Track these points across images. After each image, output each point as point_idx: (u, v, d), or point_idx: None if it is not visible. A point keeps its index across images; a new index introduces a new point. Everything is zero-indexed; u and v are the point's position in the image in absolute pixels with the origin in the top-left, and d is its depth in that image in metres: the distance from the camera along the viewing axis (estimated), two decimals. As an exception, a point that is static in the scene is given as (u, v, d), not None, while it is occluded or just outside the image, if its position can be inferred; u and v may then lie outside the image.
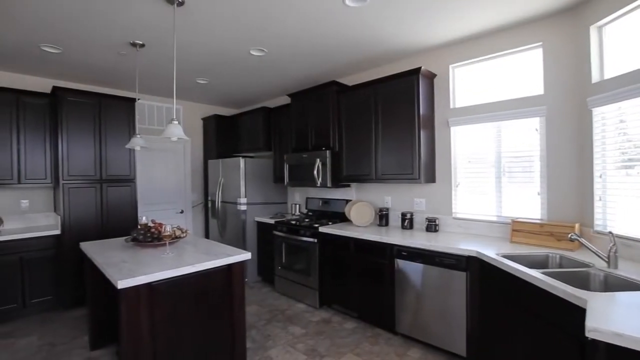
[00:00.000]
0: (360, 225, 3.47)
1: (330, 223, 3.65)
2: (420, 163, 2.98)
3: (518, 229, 2.56)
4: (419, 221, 3.30)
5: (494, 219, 2.86)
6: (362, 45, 3.09)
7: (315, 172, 3.65)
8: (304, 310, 3.47)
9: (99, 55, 3.24)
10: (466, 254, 2.38)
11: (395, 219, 3.50)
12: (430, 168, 3.14)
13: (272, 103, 5.05)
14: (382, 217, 3.47)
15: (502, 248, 2.39)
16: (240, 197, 4.20)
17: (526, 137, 2.70)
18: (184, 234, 2.51)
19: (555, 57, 2.53)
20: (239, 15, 2.49)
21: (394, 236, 2.91)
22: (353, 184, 3.90)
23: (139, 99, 4.04)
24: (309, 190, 4.45)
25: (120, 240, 2.83)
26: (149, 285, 1.85)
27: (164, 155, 4.88)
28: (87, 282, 2.69)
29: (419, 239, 2.75)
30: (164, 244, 2.39)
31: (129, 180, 3.92)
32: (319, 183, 3.65)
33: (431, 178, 3.15)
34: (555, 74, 2.54)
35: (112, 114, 3.83)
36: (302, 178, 3.88)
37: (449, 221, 3.10)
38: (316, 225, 3.50)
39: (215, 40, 2.92)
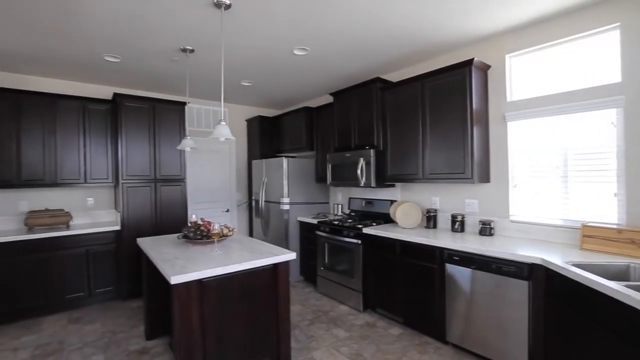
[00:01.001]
0: (406, 227, 3.33)
1: (374, 224, 3.54)
2: (473, 161, 2.78)
3: (590, 235, 2.28)
4: (471, 224, 3.09)
5: (559, 222, 2.58)
6: (408, 38, 2.96)
7: (358, 171, 3.57)
8: (347, 313, 3.40)
9: (153, 62, 3.43)
10: (529, 261, 2.17)
11: (444, 221, 3.31)
12: (484, 167, 2.92)
13: (314, 103, 5.04)
14: (430, 219, 3.30)
15: (571, 256, 2.14)
16: (283, 197, 4.24)
17: (598, 131, 2.40)
18: (231, 233, 2.56)
19: (636, 40, 2.21)
20: (283, 15, 2.49)
21: (443, 239, 2.75)
22: (398, 184, 3.76)
23: (188, 103, 4.23)
24: (351, 190, 4.37)
25: (172, 237, 2.97)
26: (199, 281, 1.90)
27: (210, 156, 5.08)
28: (143, 276, 2.86)
29: (472, 243, 2.56)
30: (213, 242, 2.46)
31: (179, 180, 4.13)
32: (362, 183, 3.56)
33: (485, 177, 2.93)
34: (635, 59, 2.22)
35: (165, 117, 4.06)
36: (345, 178, 3.82)
37: (506, 224, 2.86)
38: (360, 226, 3.42)
39: (259, 41, 2.95)
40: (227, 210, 5.23)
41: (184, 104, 4.17)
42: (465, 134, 2.81)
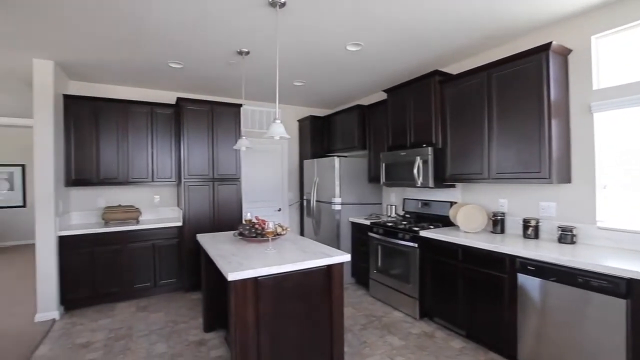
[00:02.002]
0: (469, 231, 3.06)
1: (431, 227, 3.32)
2: (550, 159, 2.45)
3: None
4: (547, 229, 2.73)
5: (665, 231, 2.16)
6: (475, 24, 2.71)
7: (415, 171, 3.37)
8: (402, 320, 3.23)
9: (211, 66, 3.58)
10: (627, 275, 1.83)
11: (513, 225, 2.99)
12: (564, 165, 2.56)
13: (366, 100, 4.91)
14: (497, 223, 2.99)
15: (686, 271, 1.77)
16: (334, 197, 4.17)
17: None
18: (284, 231, 2.55)
19: None
20: (337, 9, 2.42)
21: (514, 246, 2.46)
22: (459, 185, 3.49)
23: (243, 105, 4.36)
24: (406, 190, 4.17)
25: (229, 234, 3.06)
26: (255, 279, 1.90)
27: (264, 156, 5.21)
28: (202, 270, 2.98)
29: (550, 252, 2.25)
30: (267, 240, 2.47)
31: (235, 179, 4.28)
32: (419, 183, 3.36)
33: (565, 177, 2.57)
34: None
35: (222, 119, 4.23)
36: (400, 178, 3.64)
37: (592, 231, 2.48)
38: (416, 229, 3.22)
39: (312, 38, 2.92)
40: (279, 210, 5.31)
41: (240, 105, 4.31)
42: (542, 127, 2.49)
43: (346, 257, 2.20)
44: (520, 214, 2.95)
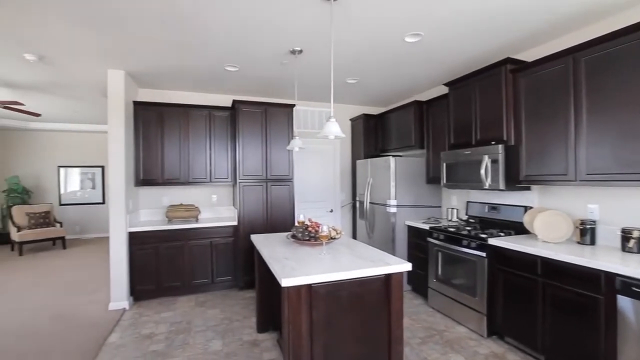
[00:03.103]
0: (548, 241, 2.66)
1: (501, 234, 2.96)
2: (663, 157, 2.01)
3: None
4: (655, 242, 2.25)
5: None
6: (552, 1, 2.34)
7: (482, 171, 3.03)
8: (467, 337, 2.92)
9: (265, 67, 3.59)
10: None
11: (606, 236, 2.53)
12: (682, 164, 2.08)
13: (424, 96, 4.60)
14: (585, 233, 2.55)
15: None
16: (389, 199, 3.96)
17: None
18: (339, 235, 2.43)
19: None
20: (398, -4, 2.23)
21: (611, 261, 2.06)
22: (535, 187, 3.07)
23: (295, 105, 4.35)
24: (470, 193, 3.80)
25: (282, 235, 3.02)
26: (309, 286, 1.80)
27: (315, 157, 5.16)
28: (256, 271, 2.98)
29: (665, 271, 1.83)
30: (320, 244, 2.37)
31: (287, 180, 4.28)
32: (486, 185, 3.02)
33: (683, 179, 2.09)
34: None
35: (275, 120, 4.25)
36: (463, 179, 3.32)
37: None
38: (484, 236, 2.89)
39: (368, 31, 2.76)
40: (331, 211, 5.22)
41: (292, 106, 4.30)
42: (651, 119, 2.05)
43: (407, 266, 2.01)
44: (616, 223, 2.48)
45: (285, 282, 1.71)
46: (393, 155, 4.05)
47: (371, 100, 5.15)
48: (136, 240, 3.78)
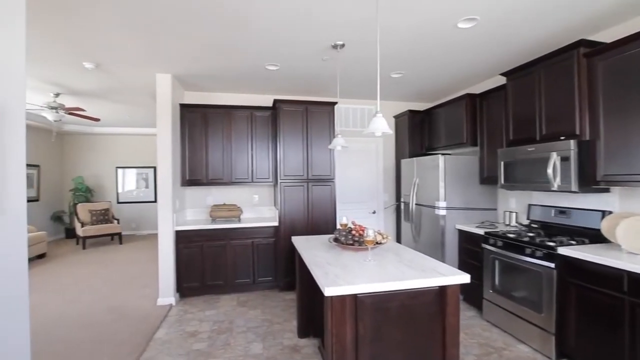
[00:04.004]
0: (635, 252, 2.26)
1: (572, 242, 2.58)
2: None
3: None
4: None
5: None
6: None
7: (549, 170, 2.67)
8: (531, 357, 2.58)
9: (305, 64, 3.50)
10: None
11: None
12: None
13: (477, 89, 4.23)
14: (687, 244, 2.12)
15: None
16: (438, 201, 3.67)
17: None
18: (385, 240, 2.25)
19: None
20: (453, -25, 2.01)
21: None
22: (615, 188, 2.64)
23: (337, 102, 4.21)
24: (532, 195, 3.40)
25: (324, 238, 2.90)
26: (354, 296, 1.65)
27: (357, 156, 4.98)
28: (297, 274, 2.89)
29: None
30: (365, 249, 2.20)
31: (329, 180, 4.16)
32: (555, 186, 2.65)
33: None
34: None
35: (316, 118, 4.15)
36: (524, 179, 2.96)
37: None
38: (552, 244, 2.54)
39: (416, 19, 2.54)
40: (374, 212, 5.01)
41: (334, 103, 4.17)
42: None
43: (464, 278, 1.78)
44: None
45: (328, 292, 1.58)
46: (442, 154, 3.75)
47: (417, 96, 4.87)
48: (182, 238, 3.88)
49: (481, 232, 3.27)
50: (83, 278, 4.79)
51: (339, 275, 1.76)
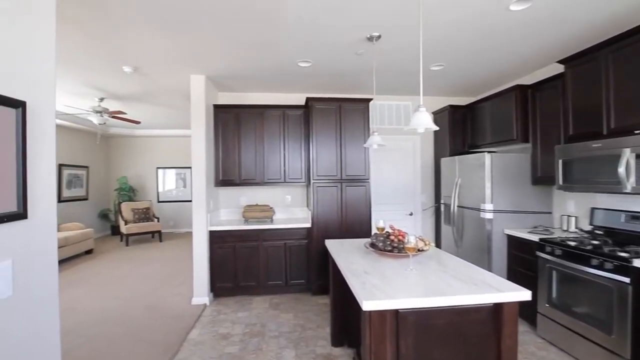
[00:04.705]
0: None
1: (652, 253, 2.21)
2: None
3: None
4: None
5: None
6: None
7: (621, 169, 2.31)
8: (599, 384, 2.25)
9: (339, 59, 3.35)
10: None
11: None
12: None
13: (525, 80, 3.84)
14: None
15: None
16: (484, 203, 3.36)
17: None
18: (427, 247, 2.04)
19: None
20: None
21: None
22: None
23: (372, 99, 4.02)
24: (596, 197, 3.00)
25: (359, 242, 2.73)
26: (395, 312, 1.48)
27: (393, 155, 4.74)
28: (330, 278, 2.75)
29: None
30: (406, 256, 2.01)
31: (363, 180, 3.98)
32: (628, 187, 2.29)
33: None
34: None
35: (349, 116, 3.99)
36: (588, 179, 2.60)
37: None
38: (625, 255, 2.19)
39: (461, 2, 2.30)
40: (411, 214, 4.75)
41: (369, 100, 3.99)
42: None
43: (524, 295, 1.54)
44: None
45: (367, 306, 1.42)
46: (487, 152, 3.44)
47: (458, 90, 4.54)
48: (216, 238, 3.89)
49: (535, 238, 2.93)
50: (125, 274, 4.99)
51: (378, 287, 1.59)
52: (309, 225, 3.96)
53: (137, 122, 5.83)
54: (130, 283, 4.56)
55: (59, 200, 6.88)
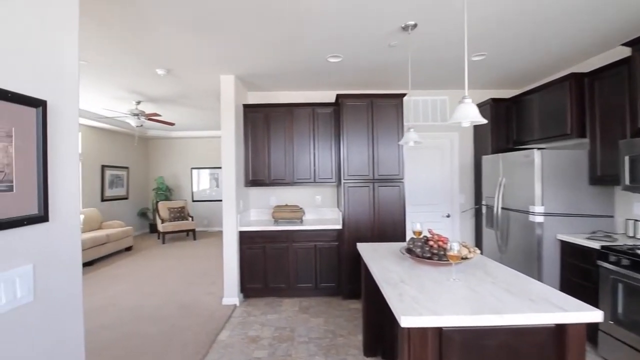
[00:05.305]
0: None
1: None
2: None
3: None
4: None
5: None
6: None
7: None
8: (682, 419, 1.92)
9: (371, 52, 3.18)
10: None
11: None
12: None
13: (580, 68, 3.45)
14: None
15: None
16: (533, 205, 3.04)
17: None
18: (472, 255, 1.84)
19: None
20: None
21: None
22: None
23: (406, 94, 3.80)
24: (671, 199, 2.61)
25: (393, 247, 2.55)
26: (438, 330, 1.31)
27: (428, 153, 4.48)
28: (362, 284, 2.60)
29: None
30: (447, 264, 1.82)
31: (397, 180, 3.77)
32: None
33: None
34: None
35: (382, 113, 3.80)
36: (663, 178, 2.25)
37: None
38: None
39: (512, -19, 2.06)
40: (448, 216, 4.46)
41: (402, 95, 3.78)
42: None
43: (594, 316, 1.31)
44: None
45: (405, 322, 1.26)
46: (537, 148, 3.11)
47: (500, 81, 4.19)
48: (246, 239, 3.86)
49: (595, 245, 2.59)
50: (161, 271, 5.13)
51: (418, 300, 1.43)
52: (339, 226, 3.82)
53: (172, 124, 5.99)
54: (165, 280, 4.67)
55: (102, 200, 7.26)
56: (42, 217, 1.05)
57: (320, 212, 4.48)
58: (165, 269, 5.29)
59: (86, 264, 5.45)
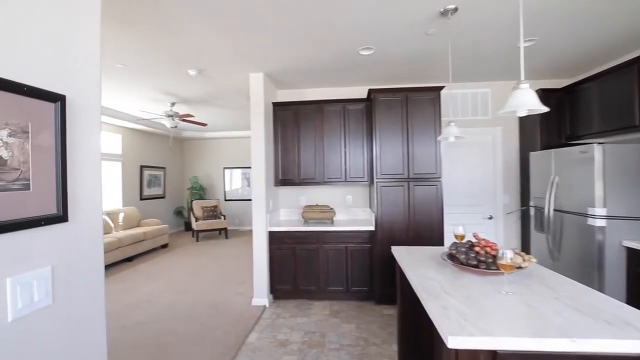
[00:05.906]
0: None
1: None
2: None
3: None
4: None
5: None
6: None
7: None
8: None
9: (405, 41, 2.97)
10: None
11: None
12: None
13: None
14: None
15: None
16: (593, 206, 2.70)
17: None
18: (526, 264, 1.61)
19: None
20: None
21: None
22: None
23: (444, 87, 3.54)
24: None
25: (431, 251, 2.35)
26: (492, 353, 1.12)
27: (468, 150, 4.18)
28: (397, 289, 2.42)
29: None
30: (499, 274, 1.61)
31: (434, 179, 3.53)
32: None
33: None
34: None
35: (418, 108, 3.57)
36: None
37: None
38: None
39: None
40: (490, 218, 4.13)
41: (440, 88, 3.53)
42: None
43: (695, 345, 1.06)
44: None
45: (454, 342, 1.09)
46: (596, 143, 2.76)
47: (550, 71, 3.81)
48: (275, 239, 3.79)
49: (674, 254, 2.23)
50: (194, 269, 5.23)
51: (466, 316, 1.24)
52: (372, 228, 3.65)
53: (204, 124, 6.09)
54: (198, 278, 4.73)
55: (140, 198, 7.57)
56: (61, 217, 1.00)
57: (351, 212, 4.33)
58: (198, 267, 5.38)
59: (126, 260, 5.69)
